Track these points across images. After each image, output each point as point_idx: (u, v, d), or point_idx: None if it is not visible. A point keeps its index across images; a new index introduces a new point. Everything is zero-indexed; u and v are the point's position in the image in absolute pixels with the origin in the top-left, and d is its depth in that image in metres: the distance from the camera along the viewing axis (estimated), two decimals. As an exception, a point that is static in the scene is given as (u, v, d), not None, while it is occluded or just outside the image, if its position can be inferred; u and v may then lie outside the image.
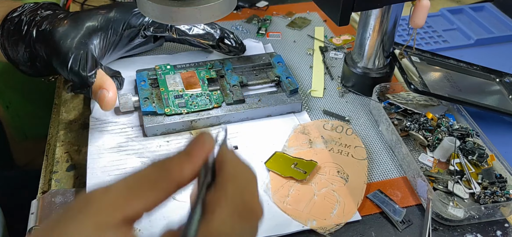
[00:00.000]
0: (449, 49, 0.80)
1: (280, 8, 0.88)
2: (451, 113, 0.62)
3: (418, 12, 0.56)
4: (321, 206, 0.49)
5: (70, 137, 0.59)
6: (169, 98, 0.60)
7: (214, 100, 0.60)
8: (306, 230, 0.47)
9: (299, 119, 0.61)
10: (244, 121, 0.60)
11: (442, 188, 0.52)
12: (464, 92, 0.63)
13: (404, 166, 0.55)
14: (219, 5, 0.50)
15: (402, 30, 0.84)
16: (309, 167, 0.53)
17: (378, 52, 0.63)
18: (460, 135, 0.57)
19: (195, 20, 0.51)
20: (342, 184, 0.52)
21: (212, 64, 0.66)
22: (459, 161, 0.54)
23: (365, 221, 0.49)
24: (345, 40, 0.79)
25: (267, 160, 0.54)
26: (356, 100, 0.66)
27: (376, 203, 0.50)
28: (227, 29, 0.68)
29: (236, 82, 0.63)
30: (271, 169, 0.53)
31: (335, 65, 0.73)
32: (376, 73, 0.64)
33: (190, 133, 0.58)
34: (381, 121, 0.60)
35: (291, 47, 0.77)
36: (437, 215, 0.49)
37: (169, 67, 0.64)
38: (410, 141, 0.59)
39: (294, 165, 0.53)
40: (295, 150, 0.56)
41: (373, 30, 0.61)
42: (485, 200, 0.50)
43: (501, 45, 0.83)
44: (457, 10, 0.91)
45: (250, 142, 0.57)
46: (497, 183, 0.52)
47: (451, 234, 0.48)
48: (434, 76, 0.65)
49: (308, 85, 0.68)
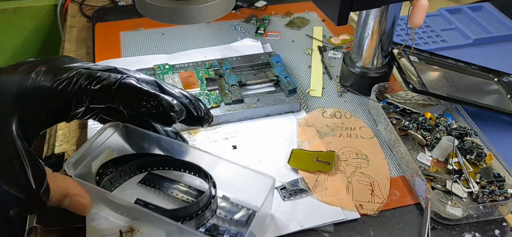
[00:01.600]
0: (448, 49, 0.80)
1: (279, 7, 0.88)
2: (449, 113, 0.62)
3: (417, 11, 0.56)
4: (359, 189, 0.51)
5: (68, 137, 0.59)
6: (168, 98, 0.60)
7: (212, 100, 0.60)
8: (305, 230, 0.47)
9: (298, 118, 0.61)
10: (242, 121, 0.60)
11: (441, 187, 0.52)
12: (462, 92, 0.63)
13: (402, 165, 0.55)
14: (217, 5, 0.50)
15: (401, 30, 0.84)
16: (330, 158, 0.54)
17: (376, 52, 0.63)
18: (459, 134, 0.57)
19: (194, 20, 0.50)
20: (366, 165, 0.54)
21: (210, 63, 0.66)
22: (457, 160, 0.54)
23: (364, 220, 0.49)
24: (344, 40, 0.79)
25: (289, 160, 0.55)
26: (354, 100, 0.66)
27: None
28: (193, 97, 0.48)
29: (234, 81, 0.63)
30: (297, 167, 0.54)
31: (334, 65, 0.73)
32: (375, 72, 0.64)
33: (189, 132, 0.58)
34: (379, 120, 0.61)
35: (289, 46, 0.77)
36: (436, 214, 0.49)
37: (168, 67, 0.64)
38: (408, 140, 0.59)
39: (316, 159, 0.54)
40: (309, 144, 0.57)
41: (372, 30, 0.61)
42: (483, 199, 0.50)
43: (499, 44, 0.83)
44: (455, 10, 0.91)
45: (249, 141, 0.57)
46: (495, 182, 0.52)
47: (450, 233, 0.48)
48: (432, 75, 0.65)
49: (306, 84, 0.68)
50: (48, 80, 0.40)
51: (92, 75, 0.42)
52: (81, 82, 0.41)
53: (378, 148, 0.57)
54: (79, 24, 0.87)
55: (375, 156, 0.56)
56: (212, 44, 0.77)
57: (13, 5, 1.06)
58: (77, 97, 0.41)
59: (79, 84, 0.41)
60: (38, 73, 0.40)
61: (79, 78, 0.41)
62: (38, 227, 0.46)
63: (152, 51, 0.74)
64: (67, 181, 0.42)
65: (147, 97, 0.43)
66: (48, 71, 0.41)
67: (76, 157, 0.45)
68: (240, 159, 0.55)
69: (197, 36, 0.79)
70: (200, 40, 0.78)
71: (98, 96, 0.42)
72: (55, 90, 0.40)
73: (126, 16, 0.84)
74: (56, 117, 0.42)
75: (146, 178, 0.50)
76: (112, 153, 0.50)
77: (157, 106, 0.43)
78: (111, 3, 0.92)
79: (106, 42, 0.76)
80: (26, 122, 0.39)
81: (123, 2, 0.92)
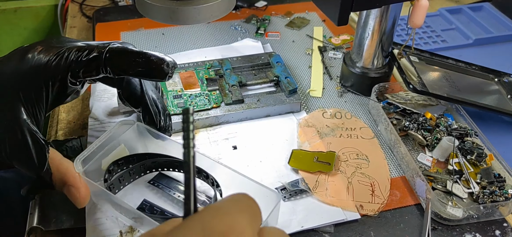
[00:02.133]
0: (448, 49, 0.80)
1: (279, 8, 0.88)
2: (449, 113, 0.62)
3: (417, 12, 0.56)
4: (360, 190, 0.51)
5: (69, 137, 0.59)
6: (168, 98, 0.60)
7: (213, 100, 0.60)
8: (306, 230, 0.47)
9: (298, 119, 0.61)
10: (243, 121, 0.60)
11: (441, 187, 0.52)
12: (462, 92, 0.63)
13: (403, 165, 0.55)
14: (218, 5, 0.50)
15: (401, 30, 0.84)
16: (330, 158, 0.54)
17: (377, 52, 0.63)
18: (459, 135, 0.57)
19: (194, 20, 0.50)
20: (366, 166, 0.54)
21: (211, 64, 0.66)
22: (458, 161, 0.54)
23: (364, 221, 0.49)
24: (344, 40, 0.79)
25: (289, 160, 0.54)
26: (355, 100, 0.66)
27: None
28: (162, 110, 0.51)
29: (235, 82, 0.63)
30: (297, 168, 0.54)
31: (334, 65, 0.73)
32: (375, 73, 0.64)
33: (189, 133, 0.58)
34: (380, 121, 0.61)
35: (290, 47, 0.77)
36: (436, 214, 0.49)
37: (168, 67, 0.64)
38: (409, 140, 0.59)
39: (316, 159, 0.54)
40: (309, 144, 0.57)
41: (372, 30, 0.61)
42: (483, 200, 0.50)
43: (499, 45, 0.83)
44: (455, 10, 0.91)
45: (249, 142, 0.57)
46: (495, 182, 0.52)
47: (450, 233, 0.48)
48: (432, 76, 0.65)
49: (307, 85, 0.68)
50: (42, 59, 0.42)
51: (81, 48, 0.44)
52: (72, 55, 0.43)
53: (378, 149, 0.57)
54: (80, 25, 0.87)
55: (375, 156, 0.56)
56: (212, 44, 0.77)
57: (14, 5, 1.06)
58: (71, 70, 0.43)
59: (71, 57, 0.43)
60: (33, 54, 0.42)
61: (70, 51, 0.43)
62: (38, 227, 0.46)
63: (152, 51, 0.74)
64: (67, 170, 0.43)
65: (136, 56, 0.45)
66: (42, 51, 0.43)
67: (86, 154, 0.45)
68: (240, 160, 0.55)
69: (197, 36, 0.79)
70: (201, 40, 0.78)
71: (90, 66, 0.44)
72: (50, 67, 0.42)
73: (127, 16, 0.84)
74: (56, 96, 0.44)
75: (155, 179, 0.50)
76: (124, 151, 0.50)
77: (147, 62, 0.45)
78: (111, 3, 0.92)
79: (106, 42, 0.76)
80: (31, 105, 0.42)
81: (123, 2, 0.92)
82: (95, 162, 0.47)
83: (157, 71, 0.45)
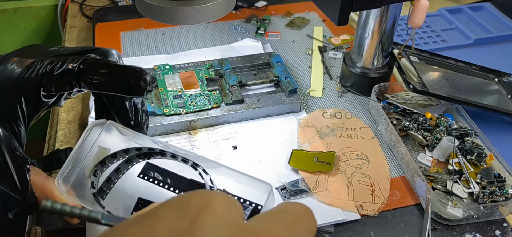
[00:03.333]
0: (448, 49, 0.80)
1: (279, 8, 0.88)
2: (450, 113, 0.62)
3: (417, 12, 0.56)
4: (359, 190, 0.52)
5: (68, 138, 0.59)
6: (168, 98, 0.60)
7: (213, 100, 0.60)
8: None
9: (299, 119, 0.61)
10: (243, 121, 0.60)
11: (441, 187, 0.52)
12: (463, 92, 0.63)
13: (403, 165, 0.55)
14: (218, 5, 0.50)
15: (401, 30, 0.84)
16: (330, 158, 0.54)
17: (377, 52, 0.63)
18: (459, 135, 0.57)
19: (194, 20, 0.50)
20: (366, 166, 0.54)
21: (211, 64, 0.66)
22: (458, 161, 0.54)
23: (365, 221, 0.49)
24: (344, 40, 0.79)
25: (289, 160, 0.54)
26: (355, 100, 0.66)
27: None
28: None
29: (235, 82, 0.63)
30: (298, 168, 0.54)
31: (334, 65, 0.73)
32: (375, 73, 0.64)
33: (189, 133, 0.58)
34: (380, 121, 0.61)
35: (290, 47, 0.77)
36: (436, 214, 0.49)
37: (168, 67, 0.64)
38: (409, 140, 0.59)
39: (316, 159, 0.54)
40: (309, 144, 0.57)
41: (372, 30, 0.61)
42: (484, 200, 0.50)
43: (499, 44, 0.83)
44: (455, 10, 0.91)
45: (249, 142, 0.57)
46: (495, 182, 0.52)
47: (450, 233, 0.48)
48: (433, 75, 0.65)
49: (307, 85, 0.68)
50: (14, 71, 0.39)
51: (54, 61, 0.39)
52: (43, 68, 0.39)
53: (378, 149, 0.57)
54: (80, 25, 0.87)
55: (375, 156, 0.56)
56: (212, 44, 0.77)
57: (13, 6, 1.06)
58: (42, 85, 0.39)
59: (42, 71, 0.39)
60: (5, 66, 0.39)
61: (42, 64, 0.39)
62: (38, 228, 0.46)
63: (152, 51, 0.74)
64: (51, 192, 0.41)
65: (111, 72, 0.40)
66: (15, 63, 0.39)
67: (66, 171, 0.41)
68: (240, 160, 0.55)
69: (198, 36, 0.79)
70: (201, 40, 0.78)
71: (62, 81, 0.39)
72: (21, 80, 0.39)
73: (126, 16, 0.84)
74: (30, 110, 0.40)
75: (144, 171, 0.49)
76: (105, 151, 0.48)
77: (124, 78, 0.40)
78: (111, 3, 0.92)
79: (107, 43, 0.76)
80: (7, 120, 0.39)
81: (123, 2, 0.92)
82: (79, 173, 0.44)
83: (135, 88, 0.40)
